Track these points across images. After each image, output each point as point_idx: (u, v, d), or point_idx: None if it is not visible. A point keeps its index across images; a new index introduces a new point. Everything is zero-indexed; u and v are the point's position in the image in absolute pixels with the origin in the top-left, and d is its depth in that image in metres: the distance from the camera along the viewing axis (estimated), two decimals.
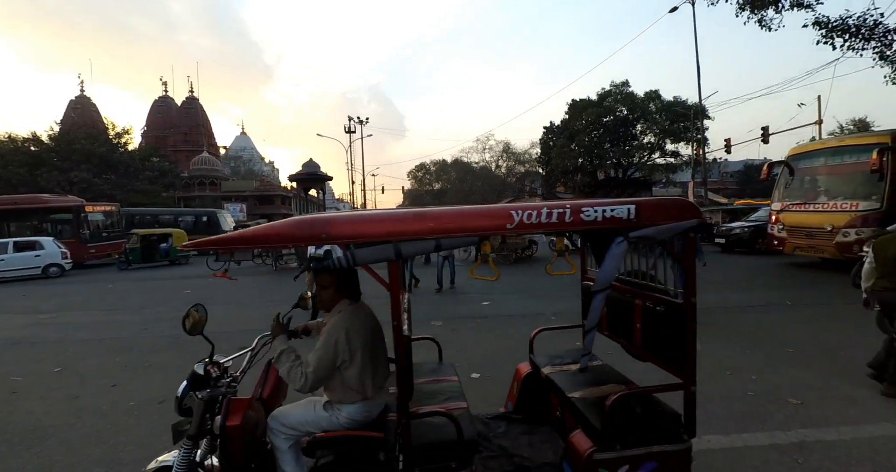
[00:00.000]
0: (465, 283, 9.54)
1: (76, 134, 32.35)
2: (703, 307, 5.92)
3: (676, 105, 28.41)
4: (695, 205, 1.77)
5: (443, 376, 2.49)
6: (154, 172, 34.81)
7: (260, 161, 64.85)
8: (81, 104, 45.77)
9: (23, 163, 28.94)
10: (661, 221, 1.65)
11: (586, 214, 1.62)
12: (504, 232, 1.64)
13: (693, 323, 1.81)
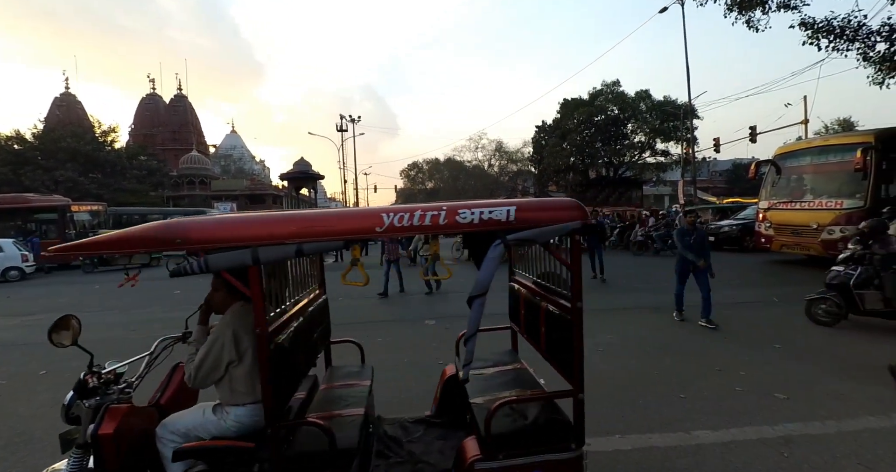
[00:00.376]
0: (459, 282, 9.54)
1: (61, 132, 31.68)
2: (690, 304, 5.98)
3: (666, 105, 28.72)
4: (580, 206, 1.71)
5: (356, 381, 2.44)
6: (142, 171, 34.27)
7: (251, 160, 64.14)
8: (66, 102, 44.79)
9: (6, 162, 28.29)
10: (543, 223, 1.60)
11: (462, 216, 1.58)
12: (374, 235, 1.59)
13: (579, 329, 1.73)
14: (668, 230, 13.46)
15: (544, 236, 1.61)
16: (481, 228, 1.61)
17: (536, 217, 1.62)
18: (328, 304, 2.71)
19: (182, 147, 49.64)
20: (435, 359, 4.34)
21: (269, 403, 1.58)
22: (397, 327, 5.81)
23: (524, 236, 1.60)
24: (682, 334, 4.95)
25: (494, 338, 2.81)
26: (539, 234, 1.60)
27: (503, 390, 2.13)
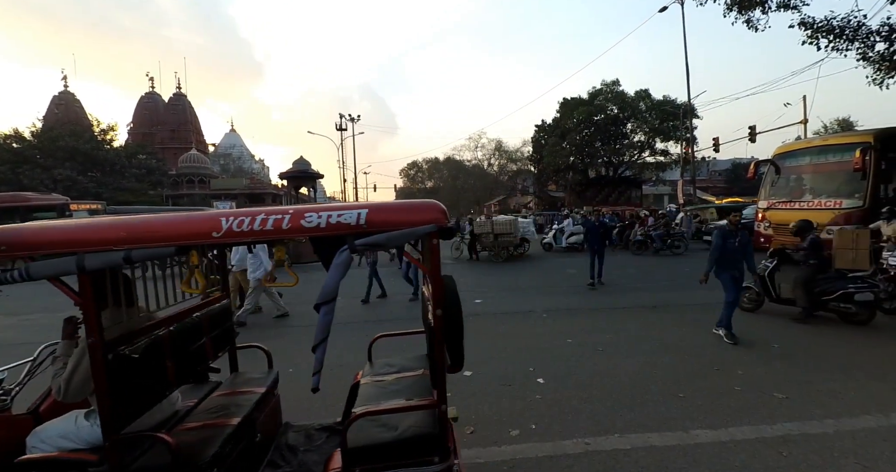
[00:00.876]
0: (458, 281, 9.51)
1: (60, 131, 31.59)
2: (689, 304, 6.00)
3: (666, 104, 28.73)
4: (437, 208, 1.62)
5: (251, 388, 2.33)
6: (141, 170, 34.21)
7: (250, 159, 64.02)
8: (65, 100, 44.66)
9: (4, 160, 28.23)
10: (398, 227, 1.53)
11: (308, 220, 1.52)
12: (210, 241, 1.51)
13: (440, 339, 1.63)
14: (667, 230, 13.47)
15: (396, 240, 1.53)
16: (329, 232, 1.54)
17: (390, 220, 1.55)
18: (231, 307, 2.62)
19: (181, 146, 49.53)
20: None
21: (105, 415, 1.51)
22: (394, 326, 5.79)
23: (373, 241, 1.53)
24: (681, 334, 4.95)
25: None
26: (390, 238, 1.53)
27: (392, 398, 2.01)
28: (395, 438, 1.68)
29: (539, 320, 5.80)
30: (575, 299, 7.15)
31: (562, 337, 4.94)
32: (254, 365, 3.02)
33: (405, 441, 1.67)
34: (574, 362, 4.11)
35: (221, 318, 2.45)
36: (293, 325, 6.13)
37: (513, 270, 11.00)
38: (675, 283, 8.12)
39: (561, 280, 9.12)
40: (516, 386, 3.59)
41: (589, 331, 5.18)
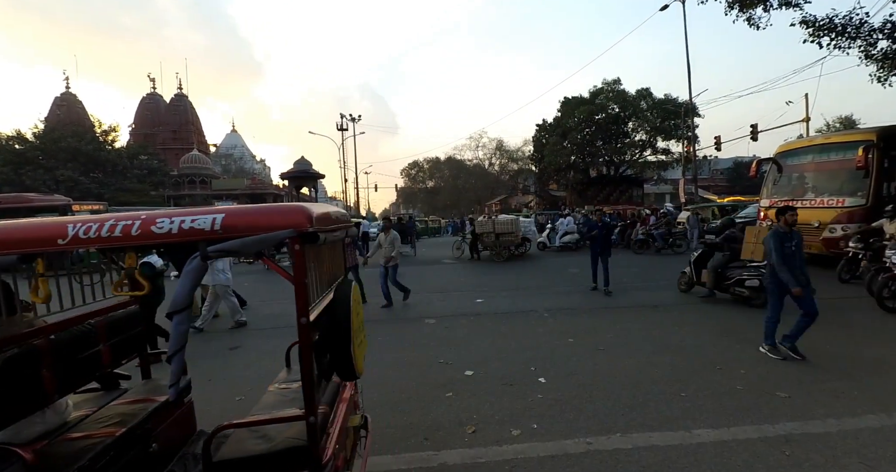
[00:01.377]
0: (459, 281, 9.55)
1: (62, 132, 31.70)
2: (690, 303, 5.99)
3: (667, 103, 28.67)
4: (299, 211, 1.53)
5: (147, 397, 2.20)
6: (143, 171, 34.33)
7: (251, 159, 64.14)
8: (67, 101, 44.78)
9: (7, 161, 28.34)
10: (256, 232, 1.45)
11: (159, 226, 1.44)
12: (56, 248, 1.44)
13: (306, 349, 1.56)
14: (669, 229, 13.44)
15: (251, 246, 1.45)
16: (182, 238, 1.44)
17: (249, 224, 1.47)
18: (140, 313, 2.53)
19: (183, 146, 49.61)
20: (434, 358, 4.35)
21: None
22: (396, 326, 5.81)
23: (226, 248, 1.45)
24: (683, 333, 4.94)
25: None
26: (244, 244, 1.44)
27: (287, 407, 1.93)
28: (266, 451, 1.62)
29: (540, 319, 5.79)
30: (576, 298, 7.15)
31: (563, 337, 4.93)
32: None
33: (275, 455, 1.60)
34: (575, 362, 4.10)
35: (127, 324, 2.36)
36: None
37: (514, 269, 11.00)
38: (677, 282, 8.10)
39: (562, 280, 9.11)
40: (518, 386, 3.59)
41: (590, 331, 5.18)
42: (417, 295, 7.92)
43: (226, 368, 4.37)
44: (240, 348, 5.04)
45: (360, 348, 1.94)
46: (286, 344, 5.26)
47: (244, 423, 1.69)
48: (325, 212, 1.77)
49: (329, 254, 2.16)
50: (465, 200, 51.30)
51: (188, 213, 1.47)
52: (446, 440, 2.79)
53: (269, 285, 10.49)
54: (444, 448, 2.70)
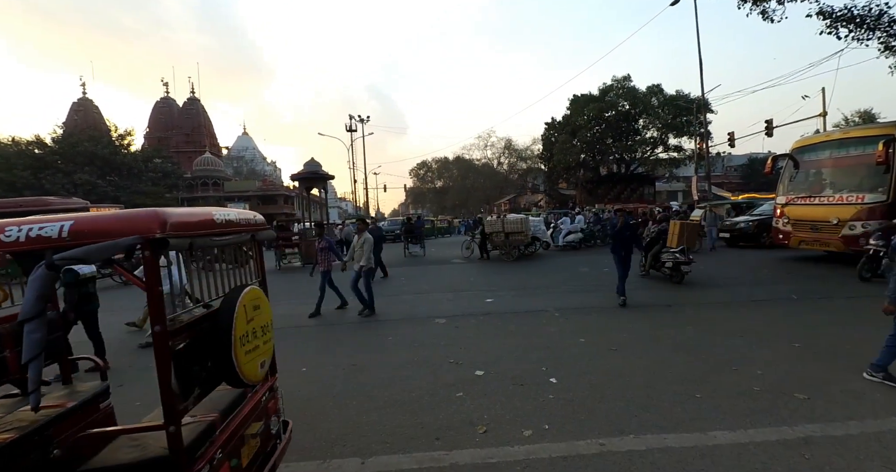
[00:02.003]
0: (468, 280, 9.54)
1: (79, 136, 32.50)
2: (704, 302, 5.89)
3: (679, 99, 28.24)
4: (151, 218, 1.48)
5: (56, 402, 2.14)
6: (157, 174, 35.00)
7: (262, 161, 64.99)
8: (84, 106, 45.95)
9: (27, 166, 29.10)
10: (105, 238, 1.42)
11: (7, 234, 1.41)
12: None
13: (162, 355, 1.51)
14: None
15: (96, 253, 1.40)
16: (30, 246, 1.40)
17: (97, 231, 1.43)
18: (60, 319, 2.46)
19: (195, 149, 50.49)
20: (444, 357, 4.34)
21: None
22: (405, 326, 5.82)
23: (71, 255, 1.40)
24: (697, 333, 4.86)
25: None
26: (89, 252, 1.40)
27: (209, 411, 1.92)
28: (134, 460, 1.60)
29: (551, 319, 5.76)
30: (588, 297, 7.08)
31: (574, 336, 4.89)
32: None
33: (142, 463, 1.58)
34: (587, 362, 4.07)
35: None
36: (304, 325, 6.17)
37: (524, 268, 10.94)
38: (690, 281, 7.98)
39: (572, 279, 9.03)
40: (529, 386, 3.57)
41: (602, 330, 5.13)
42: (427, 295, 7.93)
43: None
44: None
45: (251, 355, 1.89)
46: (294, 345, 5.32)
47: (104, 432, 1.72)
48: (200, 217, 1.74)
49: (231, 258, 2.20)
50: (474, 199, 51.23)
51: (37, 220, 1.45)
52: (457, 440, 2.78)
53: (277, 285, 10.61)
54: (456, 448, 2.70)
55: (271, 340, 2.15)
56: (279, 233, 14.98)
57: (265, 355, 2.05)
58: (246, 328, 1.86)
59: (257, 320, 1.97)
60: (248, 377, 1.86)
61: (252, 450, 2.01)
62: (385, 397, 3.49)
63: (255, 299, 1.96)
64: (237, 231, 2.04)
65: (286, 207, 47.75)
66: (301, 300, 8.13)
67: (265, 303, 2.11)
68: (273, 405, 2.31)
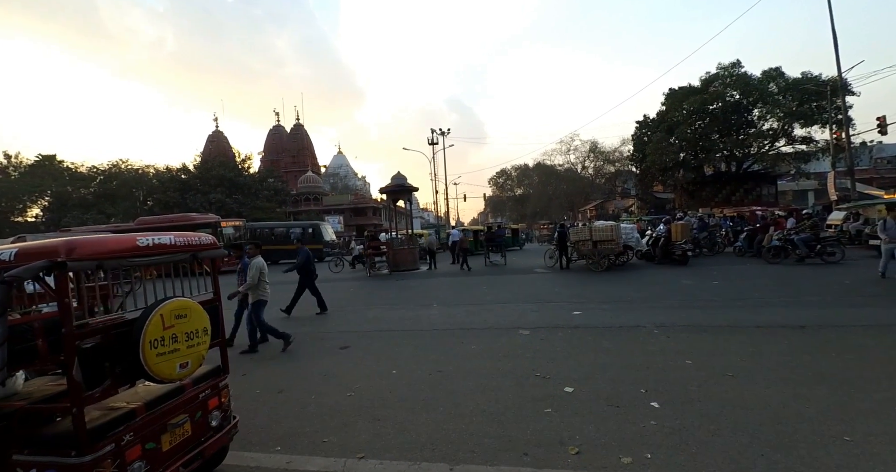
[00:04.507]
0: (553, 291, 9.16)
1: (212, 163, 39.04)
2: (851, 325, 4.85)
3: (806, 82, 24.01)
4: (56, 247, 1.83)
5: None
6: (270, 191, 40.26)
7: (354, 177, 70.76)
8: (216, 138, 55.19)
9: (176, 188, 35.83)
10: (32, 261, 1.74)
11: None
12: None
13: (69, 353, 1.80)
14: (816, 233, 11.12)
15: (24, 273, 1.74)
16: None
17: (30, 256, 1.82)
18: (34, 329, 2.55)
19: (300, 169, 57.05)
20: (530, 370, 4.21)
21: None
22: (488, 335, 5.77)
23: (14, 274, 1.75)
24: (843, 361, 4.00)
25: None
26: (21, 271, 1.74)
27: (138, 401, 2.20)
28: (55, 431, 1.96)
29: (650, 336, 5.24)
30: (693, 314, 6.30)
31: (679, 357, 4.38)
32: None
33: (58, 435, 1.92)
34: (696, 388, 3.59)
35: (16, 339, 2.52)
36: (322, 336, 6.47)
37: (614, 280, 10.18)
38: (830, 298, 6.65)
39: (673, 293, 8.13)
40: (625, 408, 3.27)
41: (713, 352, 4.50)
42: (510, 305, 7.79)
43: (338, 365, 4.81)
44: (350, 347, 5.51)
45: (167, 357, 2.18)
46: (388, 346, 5.60)
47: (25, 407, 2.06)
48: (116, 244, 2.12)
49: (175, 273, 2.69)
50: (556, 206, 49.34)
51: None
52: (547, 459, 2.66)
53: (367, 291, 11.36)
54: (546, 467, 2.57)
55: (199, 344, 2.43)
56: (369, 242, 16.10)
57: (189, 357, 2.34)
58: (162, 334, 2.17)
59: (180, 327, 2.28)
60: (161, 375, 2.17)
61: (178, 438, 2.31)
62: (471, 405, 3.49)
63: (179, 309, 2.28)
64: (170, 252, 2.48)
65: (374, 218, 51.21)
66: (389, 306, 8.60)
67: (196, 313, 2.41)
68: (215, 402, 2.63)
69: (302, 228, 27.55)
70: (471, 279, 12.12)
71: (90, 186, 39.18)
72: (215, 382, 2.69)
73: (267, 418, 3.53)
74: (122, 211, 35.24)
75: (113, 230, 15.71)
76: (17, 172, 38.50)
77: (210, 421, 2.57)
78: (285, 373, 4.67)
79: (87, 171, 40.24)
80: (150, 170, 41.02)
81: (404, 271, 14.96)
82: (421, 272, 14.86)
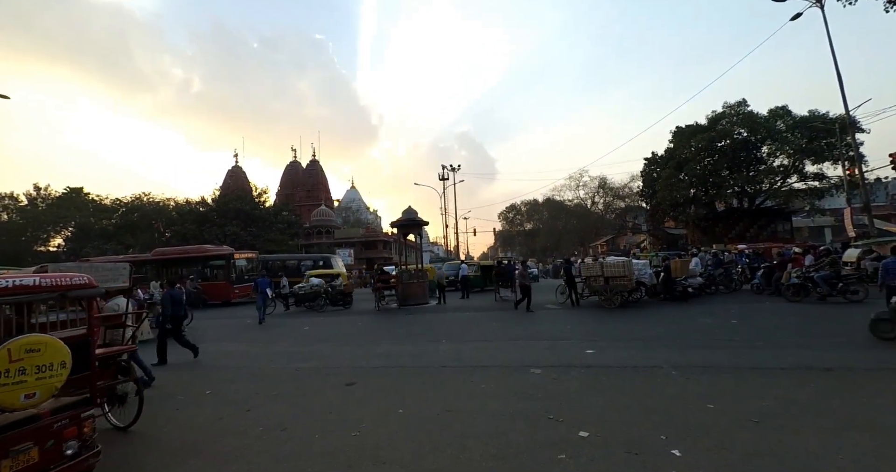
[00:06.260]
0: (565, 328, 8.93)
1: (230, 196, 40.31)
2: (882, 367, 4.61)
3: (814, 120, 24.29)
4: None
5: None
6: (284, 224, 41.08)
7: (366, 210, 72.11)
8: (235, 173, 57.43)
9: (193, 220, 36.83)
10: None
11: None
12: None
13: None
14: (836, 270, 10.78)
15: None
16: None
17: None
18: None
19: (314, 203, 58.51)
20: (542, 412, 4.02)
21: None
22: (498, 374, 5.59)
23: None
24: (879, 407, 3.75)
25: None
26: None
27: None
28: None
29: (667, 378, 5.01)
30: (712, 354, 6.04)
31: (699, 401, 4.16)
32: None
33: None
34: (720, 434, 3.38)
35: None
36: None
37: (628, 317, 9.90)
38: (857, 339, 6.34)
39: (691, 331, 7.86)
40: (645, 455, 3.08)
41: (736, 396, 4.27)
42: (521, 342, 7.59)
43: (343, 402, 4.67)
44: (356, 384, 5.37)
45: (10, 387, 2.39)
46: (396, 383, 5.47)
47: None
48: None
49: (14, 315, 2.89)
50: (567, 241, 49.10)
51: None
52: None
53: (374, 326, 11.22)
54: None
55: (52, 377, 2.60)
56: (379, 276, 16.08)
57: (38, 389, 2.53)
58: (7, 366, 2.38)
59: (30, 361, 2.49)
60: (3, 404, 2.37)
61: (21, 463, 2.44)
62: (481, 449, 3.32)
63: (31, 344, 2.50)
64: (33, 292, 2.77)
65: (385, 251, 51.50)
66: (396, 342, 8.44)
67: (52, 348, 2.61)
68: (72, 432, 2.75)
69: (313, 260, 27.78)
70: (481, 315, 11.93)
71: (112, 217, 40.59)
72: (77, 413, 2.82)
73: (269, 457, 3.41)
74: (140, 242, 36.20)
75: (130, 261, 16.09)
76: (44, 203, 40.27)
77: (64, 450, 2.69)
78: (289, 409, 4.55)
79: (110, 203, 41.90)
80: (171, 203, 42.50)
81: (413, 305, 14.79)
82: (430, 307, 14.67)
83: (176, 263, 20.92)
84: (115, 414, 4.23)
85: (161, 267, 20.76)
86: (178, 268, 20.66)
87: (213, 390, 5.46)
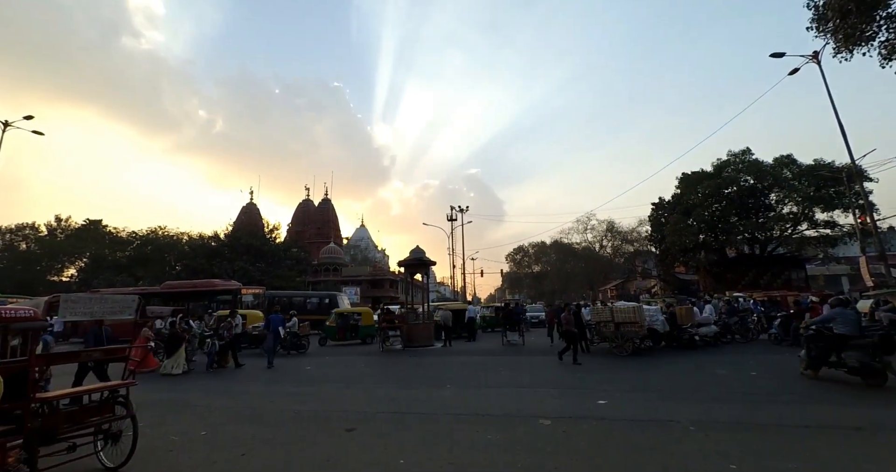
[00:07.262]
0: (575, 376, 8.58)
1: (242, 232, 41.08)
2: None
3: (820, 169, 24.60)
4: None
5: None
6: (292, 261, 41.38)
7: (374, 249, 72.66)
8: (249, 209, 59.02)
9: (204, 255, 37.27)
10: None
11: None
12: None
13: None
14: None
15: None
16: None
17: None
18: None
19: (323, 240, 59.30)
20: (553, 468, 3.78)
21: None
22: (505, 424, 5.32)
23: None
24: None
25: None
26: None
27: None
28: None
29: (685, 433, 4.72)
30: (732, 408, 5.71)
31: (722, 460, 3.89)
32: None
33: None
34: None
35: None
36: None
37: (641, 366, 9.52)
38: (886, 394, 5.98)
39: (707, 383, 7.49)
40: None
41: (761, 455, 3.99)
42: (529, 390, 7.28)
43: (342, 450, 4.45)
44: (356, 430, 5.14)
45: None
46: (397, 430, 5.25)
47: None
48: None
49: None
50: (575, 284, 48.33)
51: None
52: None
53: (377, 368, 10.90)
54: None
55: None
56: (384, 315, 15.86)
57: None
58: None
59: None
60: None
61: None
62: None
63: None
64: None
65: (391, 290, 51.14)
66: (400, 385, 8.17)
67: None
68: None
69: (319, 297, 27.62)
70: (488, 360, 11.58)
71: (127, 249, 41.38)
72: (2, 441, 2.93)
73: None
74: (151, 275, 36.55)
75: (139, 293, 16.20)
76: (63, 234, 41.39)
77: None
78: (285, 456, 4.34)
79: (126, 236, 42.90)
80: (184, 236, 43.41)
81: (418, 347, 14.43)
82: (435, 349, 14.29)
83: (184, 296, 20.99)
84: (106, 453, 4.08)
85: (169, 300, 20.83)
86: (185, 301, 20.69)
87: (208, 432, 5.27)
